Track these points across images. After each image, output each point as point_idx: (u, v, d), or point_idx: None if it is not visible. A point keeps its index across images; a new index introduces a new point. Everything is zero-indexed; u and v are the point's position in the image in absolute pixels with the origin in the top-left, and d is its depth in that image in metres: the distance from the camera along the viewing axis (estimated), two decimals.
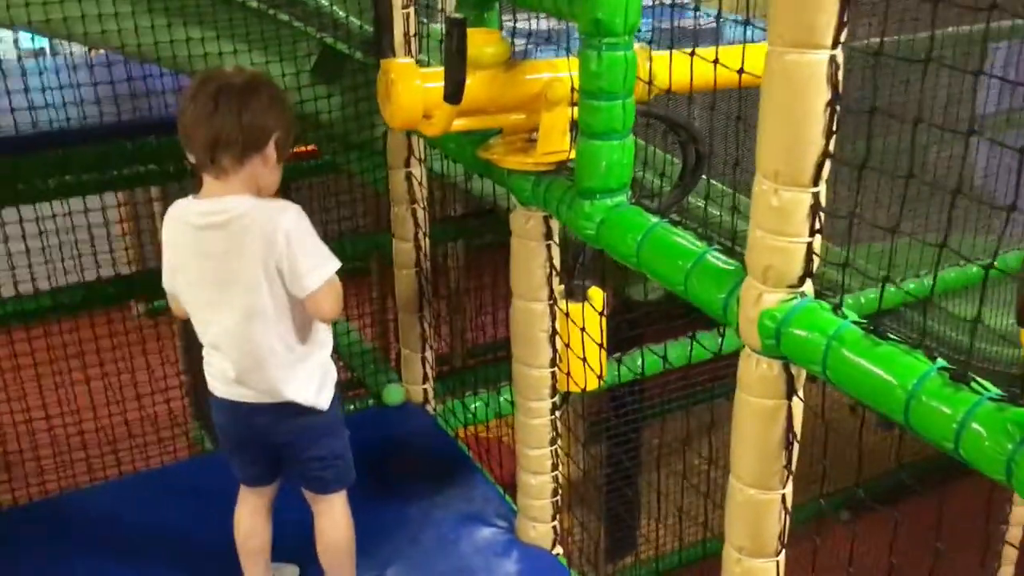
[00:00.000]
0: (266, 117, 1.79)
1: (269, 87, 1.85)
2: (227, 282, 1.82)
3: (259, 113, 1.78)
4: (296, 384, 1.88)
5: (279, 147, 1.82)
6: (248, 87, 1.80)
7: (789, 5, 1.20)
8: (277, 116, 1.81)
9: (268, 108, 1.79)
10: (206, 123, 1.76)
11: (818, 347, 1.27)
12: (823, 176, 1.28)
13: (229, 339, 1.88)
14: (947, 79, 3.25)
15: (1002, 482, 1.08)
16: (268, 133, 1.79)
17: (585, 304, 2.01)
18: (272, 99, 1.82)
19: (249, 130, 1.76)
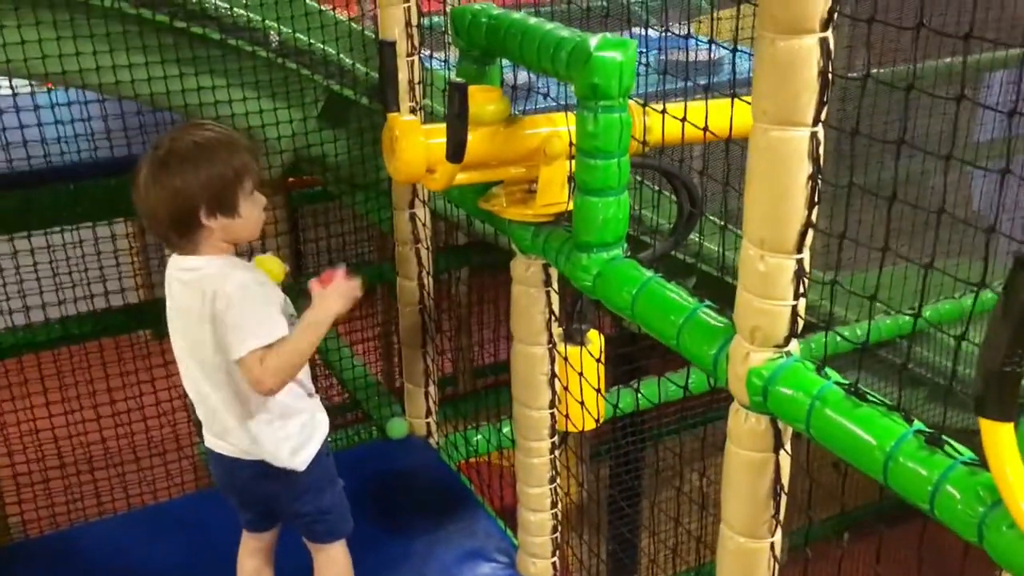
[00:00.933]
0: (183, 192, 1.73)
1: (183, 154, 1.75)
2: (190, 339, 1.85)
3: (175, 192, 1.72)
4: (268, 445, 1.87)
5: (221, 205, 1.76)
6: (162, 165, 1.74)
7: (772, 85, 1.27)
8: (200, 181, 1.74)
9: (184, 180, 1.73)
10: (144, 216, 1.79)
11: (802, 406, 1.33)
12: (807, 243, 1.35)
13: (198, 395, 1.91)
14: (942, 108, 3.32)
15: (974, 544, 1.14)
16: (193, 206, 1.74)
17: (583, 348, 2.07)
18: (188, 165, 1.74)
19: (172, 215, 1.74)
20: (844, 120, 1.46)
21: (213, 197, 1.75)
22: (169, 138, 1.80)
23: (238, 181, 1.78)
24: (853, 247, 2.37)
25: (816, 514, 1.79)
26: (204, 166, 1.75)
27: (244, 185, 1.79)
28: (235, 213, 1.79)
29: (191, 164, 1.74)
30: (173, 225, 1.76)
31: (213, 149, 1.78)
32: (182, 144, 1.77)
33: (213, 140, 1.80)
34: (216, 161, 1.77)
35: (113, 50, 2.44)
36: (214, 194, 1.75)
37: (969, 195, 4.48)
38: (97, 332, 3.43)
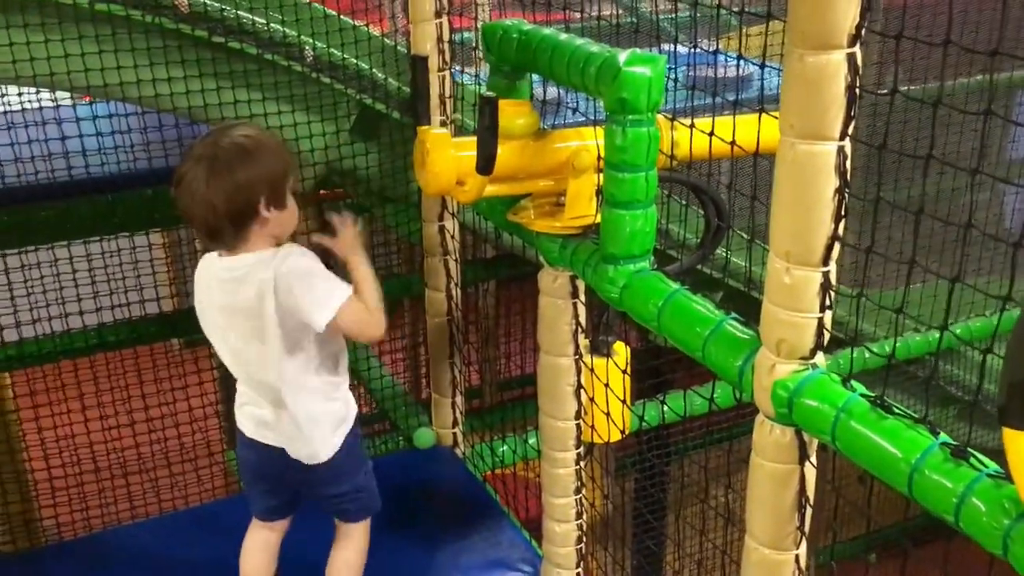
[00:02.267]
0: (247, 185, 1.82)
1: (241, 148, 1.85)
2: (242, 329, 1.93)
3: (237, 186, 1.81)
4: (313, 427, 1.97)
5: (276, 198, 1.87)
6: (216, 160, 1.82)
7: (800, 99, 1.29)
8: (261, 174, 1.84)
9: (247, 173, 1.82)
10: (193, 214, 1.86)
11: (828, 418, 1.34)
12: (833, 256, 1.36)
13: (249, 383, 2.01)
14: (974, 126, 3.31)
15: (999, 556, 1.14)
16: (255, 198, 1.83)
17: (609, 360, 2.09)
18: (248, 159, 1.83)
19: (232, 207, 1.82)
20: (875, 137, 1.47)
21: (271, 190, 1.86)
22: (214, 138, 1.89)
23: (286, 175, 1.90)
24: (884, 265, 2.37)
25: (843, 533, 1.79)
26: (263, 160, 1.86)
27: (290, 180, 1.91)
28: (285, 206, 1.90)
29: (250, 159, 1.84)
30: (231, 218, 1.84)
31: (265, 145, 1.89)
32: (236, 140, 1.87)
33: (261, 137, 1.92)
34: (271, 156, 1.88)
35: (153, 64, 2.50)
36: (271, 187, 1.86)
37: (1001, 213, 4.45)
38: (132, 340, 3.49)
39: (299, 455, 2.01)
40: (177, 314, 3.89)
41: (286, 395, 1.94)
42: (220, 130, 1.94)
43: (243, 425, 2.06)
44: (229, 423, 4.53)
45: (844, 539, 4.79)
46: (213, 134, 1.92)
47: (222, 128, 1.95)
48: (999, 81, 3.99)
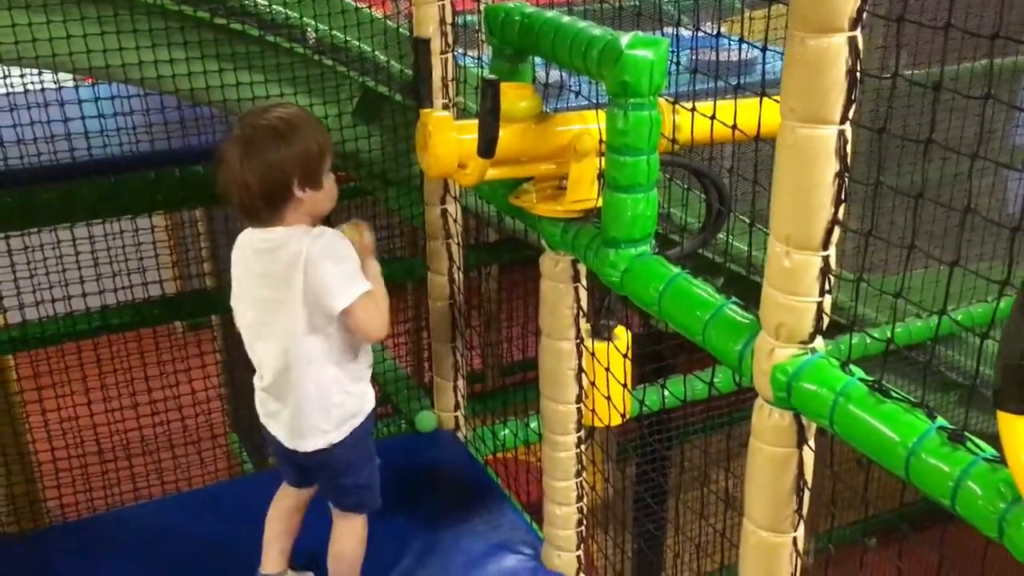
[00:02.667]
0: (279, 166, 1.85)
1: (274, 129, 1.88)
2: (270, 302, 1.95)
3: (269, 166, 1.85)
4: (310, 430, 2.00)
5: (310, 178, 1.89)
6: (250, 141, 1.86)
7: (801, 83, 1.29)
8: (293, 155, 1.86)
9: (279, 154, 1.85)
10: (230, 192, 1.89)
11: (826, 402, 1.35)
12: (833, 241, 1.36)
13: (267, 375, 2.01)
14: (977, 111, 3.30)
15: (994, 539, 1.15)
16: (287, 179, 1.87)
17: (610, 344, 2.09)
18: (281, 140, 1.86)
19: (265, 187, 1.86)
20: (877, 121, 1.47)
21: (304, 170, 1.88)
22: (252, 118, 1.93)
23: (322, 155, 1.92)
24: (886, 250, 2.36)
25: (843, 518, 1.80)
26: (296, 141, 1.88)
27: (326, 159, 1.92)
28: (319, 186, 1.92)
29: (284, 139, 1.87)
30: (265, 197, 1.88)
31: (300, 126, 1.90)
32: (270, 122, 1.89)
33: (297, 117, 1.93)
34: (305, 136, 1.90)
35: (155, 45, 2.50)
36: (304, 167, 1.88)
37: (1004, 198, 4.44)
38: (135, 323, 3.50)
39: (295, 446, 2.02)
40: (180, 297, 3.90)
41: (299, 376, 1.95)
42: (259, 110, 1.98)
43: (258, 408, 2.09)
44: (232, 406, 4.56)
45: (844, 524, 4.82)
46: (252, 114, 1.98)
47: (261, 108, 1.99)
48: (1004, 65, 3.96)
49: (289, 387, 1.98)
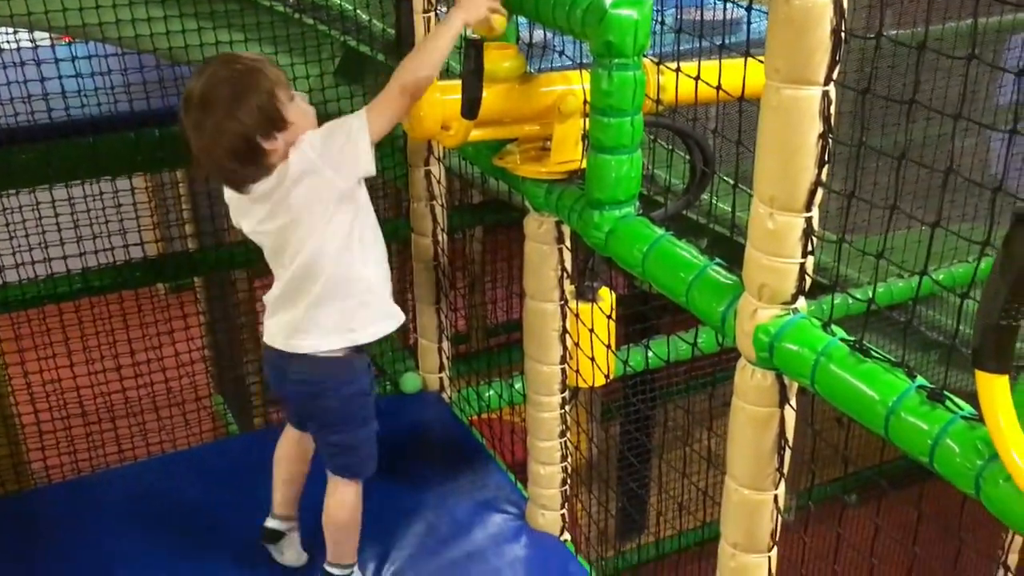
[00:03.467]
0: (236, 130, 1.79)
1: (211, 99, 1.81)
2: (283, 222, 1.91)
3: (226, 133, 1.79)
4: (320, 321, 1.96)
5: (273, 124, 1.82)
6: (198, 118, 1.80)
7: (785, 43, 1.28)
8: (246, 113, 1.79)
9: (231, 123, 1.79)
10: (204, 160, 1.86)
11: (807, 362, 1.36)
12: (816, 202, 1.37)
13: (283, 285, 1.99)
14: (961, 71, 3.29)
15: (972, 496, 1.17)
16: (251, 135, 1.80)
17: (594, 305, 2.10)
18: (224, 103, 1.79)
19: (236, 150, 1.81)
20: (862, 82, 1.46)
21: (263, 123, 1.81)
22: (196, 84, 1.84)
23: (273, 96, 1.83)
24: (869, 211, 2.36)
25: (823, 475, 1.82)
26: (239, 101, 1.80)
27: (279, 97, 1.84)
28: (286, 124, 1.84)
29: (228, 104, 1.79)
30: (241, 160, 1.83)
31: (240, 81, 1.82)
32: (210, 86, 1.82)
33: (236, 73, 1.83)
34: (247, 93, 1.81)
35: (132, 4, 2.47)
36: (262, 120, 1.81)
37: (987, 159, 4.45)
38: (116, 285, 3.48)
39: (290, 346, 1.99)
40: (162, 259, 3.88)
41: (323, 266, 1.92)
42: (202, 72, 1.88)
43: (265, 338, 2.06)
44: (216, 367, 4.56)
45: (825, 481, 4.88)
46: (197, 77, 1.88)
47: (203, 69, 1.89)
48: (988, 25, 3.95)
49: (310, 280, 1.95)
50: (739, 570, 1.60)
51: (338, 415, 2.05)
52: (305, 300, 1.96)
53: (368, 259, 1.97)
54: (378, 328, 2.02)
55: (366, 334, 2.00)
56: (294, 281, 1.96)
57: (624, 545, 4.32)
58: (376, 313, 2.02)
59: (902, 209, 1.31)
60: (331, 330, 1.97)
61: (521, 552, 2.38)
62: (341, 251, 1.92)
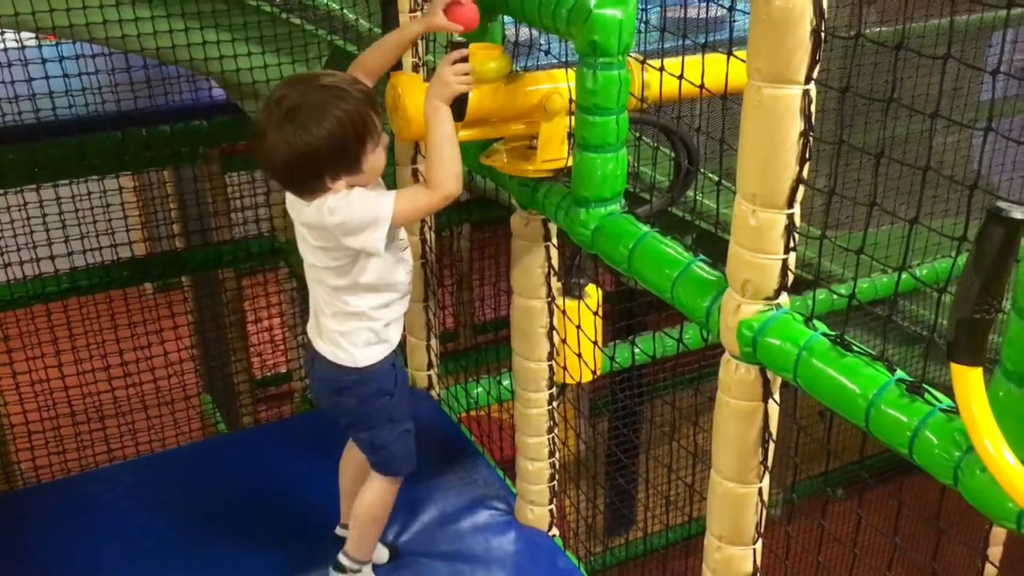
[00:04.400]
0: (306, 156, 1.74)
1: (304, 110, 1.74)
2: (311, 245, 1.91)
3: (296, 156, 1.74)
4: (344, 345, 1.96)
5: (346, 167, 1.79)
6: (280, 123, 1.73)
7: (766, 43, 1.30)
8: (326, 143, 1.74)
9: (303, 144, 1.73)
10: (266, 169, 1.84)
11: (790, 356, 1.38)
12: (797, 199, 1.39)
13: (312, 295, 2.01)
14: (943, 68, 3.32)
15: (950, 486, 1.19)
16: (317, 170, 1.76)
17: (581, 302, 2.12)
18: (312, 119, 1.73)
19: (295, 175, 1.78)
20: (846, 79, 1.49)
21: (338, 160, 1.77)
22: (286, 95, 1.77)
23: (362, 140, 1.79)
24: (853, 207, 2.39)
25: (808, 470, 1.85)
26: (330, 128, 1.74)
27: (367, 143, 1.81)
28: (359, 170, 1.82)
29: (315, 126, 1.74)
30: (296, 183, 1.82)
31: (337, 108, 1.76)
32: (304, 103, 1.75)
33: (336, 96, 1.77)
34: (341, 121, 1.76)
35: (120, 4, 2.47)
36: (339, 157, 1.77)
37: (969, 155, 4.49)
38: (104, 284, 3.49)
39: (315, 343, 2.01)
40: (150, 258, 3.89)
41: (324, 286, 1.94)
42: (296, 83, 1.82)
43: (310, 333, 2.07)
44: (204, 367, 4.56)
45: (810, 476, 4.93)
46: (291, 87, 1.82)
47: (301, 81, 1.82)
48: (970, 22, 3.99)
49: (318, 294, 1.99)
50: (725, 562, 1.62)
51: (359, 414, 2.06)
52: (320, 308, 1.99)
53: (367, 294, 1.94)
54: (373, 352, 2.00)
55: (364, 356, 1.99)
56: (311, 286, 1.99)
57: (612, 541, 4.35)
58: (371, 338, 1.99)
59: (879, 206, 1.34)
60: (337, 344, 1.98)
61: (510, 548, 2.40)
62: (338, 286, 1.92)
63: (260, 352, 4.63)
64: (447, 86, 1.80)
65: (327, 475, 2.30)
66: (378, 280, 1.93)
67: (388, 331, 2.00)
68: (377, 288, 1.94)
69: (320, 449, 2.41)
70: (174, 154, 3.27)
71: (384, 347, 2.00)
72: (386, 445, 2.08)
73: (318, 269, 1.93)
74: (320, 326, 2.00)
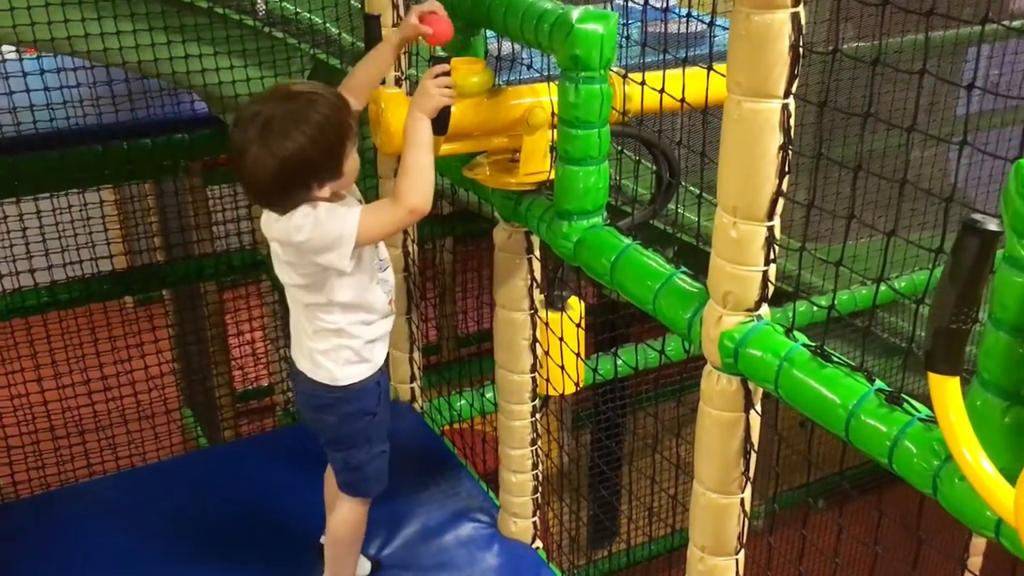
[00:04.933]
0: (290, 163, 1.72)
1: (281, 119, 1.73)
2: (283, 261, 1.89)
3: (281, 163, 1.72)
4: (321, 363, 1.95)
5: (334, 168, 1.77)
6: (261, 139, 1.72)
7: (745, 57, 1.32)
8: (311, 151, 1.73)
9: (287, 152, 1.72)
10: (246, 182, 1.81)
11: (771, 367, 1.40)
12: (777, 211, 1.41)
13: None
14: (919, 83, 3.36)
15: (929, 495, 1.21)
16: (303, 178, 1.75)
17: (564, 314, 2.13)
18: (293, 126, 1.72)
19: (280, 183, 1.75)
20: (824, 93, 1.52)
21: (323, 167, 1.77)
22: (267, 105, 1.77)
23: (343, 145, 1.79)
24: (832, 220, 2.41)
25: (790, 481, 1.86)
26: (313, 136, 1.74)
27: (347, 147, 1.80)
28: (340, 174, 1.81)
29: (297, 134, 1.73)
30: (279, 192, 1.78)
31: (320, 117, 1.75)
32: (288, 113, 1.74)
33: (318, 105, 1.77)
34: (325, 130, 1.75)
35: (101, 17, 2.47)
36: (324, 163, 1.77)
37: (946, 168, 4.55)
38: (84, 298, 3.47)
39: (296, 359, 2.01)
40: (131, 272, 3.86)
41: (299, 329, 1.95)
42: (277, 95, 1.82)
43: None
44: (185, 381, 4.54)
45: (792, 487, 4.94)
46: (268, 99, 1.82)
47: (278, 93, 1.83)
48: (946, 38, 4.05)
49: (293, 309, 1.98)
50: (707, 573, 1.63)
51: (338, 432, 2.03)
52: (299, 325, 1.97)
53: (344, 313, 1.91)
54: (355, 371, 1.97)
55: (345, 375, 1.96)
56: (290, 303, 1.98)
57: (596, 553, 4.35)
58: (351, 356, 1.97)
59: (858, 219, 1.35)
60: (316, 362, 1.96)
61: (493, 561, 2.40)
62: (312, 303, 1.90)
63: (242, 365, 4.60)
64: (430, 98, 1.81)
65: (309, 488, 2.29)
66: (354, 299, 1.91)
67: (371, 350, 1.98)
68: (354, 307, 1.92)
69: (302, 462, 2.40)
70: (156, 167, 3.26)
71: (367, 367, 1.98)
72: (361, 466, 2.05)
73: (290, 287, 1.93)
74: (300, 344, 1.98)
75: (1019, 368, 1.03)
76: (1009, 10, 4.65)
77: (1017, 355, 1.03)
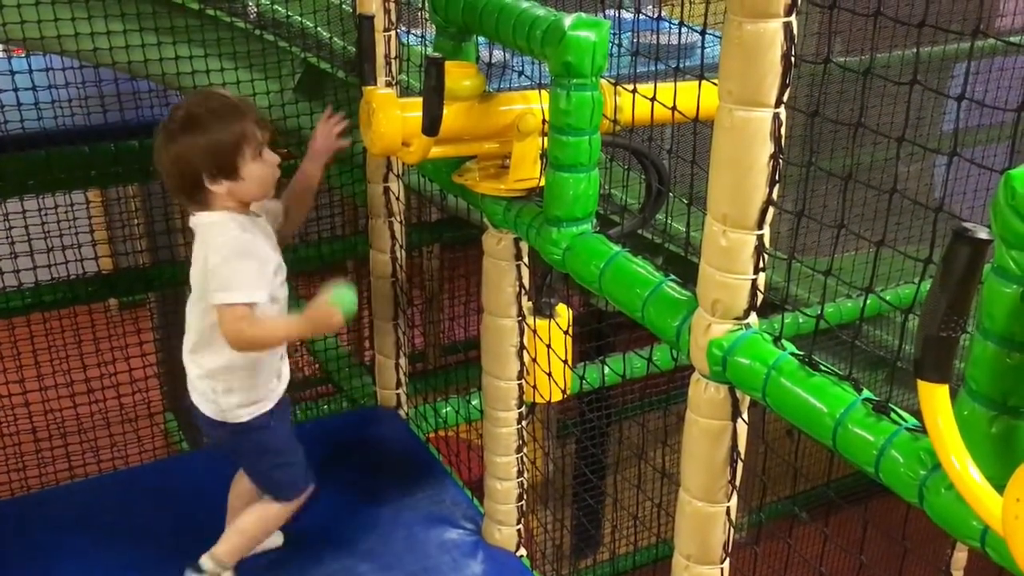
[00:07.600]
0: (186, 157, 1.89)
1: (185, 120, 1.91)
2: (194, 283, 2.01)
3: (173, 159, 1.90)
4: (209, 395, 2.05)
5: (221, 170, 1.90)
6: (165, 133, 1.91)
7: (738, 66, 1.32)
8: (202, 146, 1.88)
9: (180, 148, 1.88)
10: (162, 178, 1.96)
11: (759, 375, 1.40)
12: (767, 220, 1.41)
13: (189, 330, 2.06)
14: (906, 98, 3.37)
15: (916, 505, 1.21)
16: (197, 170, 1.89)
17: (551, 321, 2.13)
18: (186, 131, 1.89)
19: (181, 177, 1.91)
20: (813, 106, 1.52)
21: (214, 162, 1.90)
22: (177, 107, 1.96)
23: (237, 147, 1.91)
24: (819, 232, 2.42)
25: (775, 492, 1.86)
26: (203, 134, 1.89)
27: (244, 150, 1.91)
28: (237, 176, 1.92)
29: (192, 133, 1.89)
30: (182, 188, 1.93)
31: (213, 118, 1.90)
32: (186, 113, 1.92)
33: (215, 109, 1.92)
34: (214, 129, 1.90)
35: (91, 17, 2.46)
36: (214, 158, 1.90)
37: (932, 183, 4.58)
38: (68, 300, 3.43)
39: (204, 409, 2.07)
40: (115, 274, 3.83)
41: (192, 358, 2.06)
42: (192, 98, 2.03)
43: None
44: (169, 385, 4.51)
45: (778, 498, 4.95)
46: (184, 101, 2.01)
47: (195, 96, 2.04)
48: (933, 53, 4.08)
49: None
50: None
51: (230, 444, 2.12)
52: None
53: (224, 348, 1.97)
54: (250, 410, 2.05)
55: (233, 415, 2.04)
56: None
57: (580, 562, 4.34)
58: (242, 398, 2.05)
59: (849, 230, 1.36)
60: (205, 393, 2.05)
61: (477, 568, 2.39)
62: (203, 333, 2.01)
63: None
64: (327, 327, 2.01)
65: None
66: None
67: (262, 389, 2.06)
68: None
69: None
70: (143, 169, 3.23)
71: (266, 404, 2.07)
72: (269, 475, 2.14)
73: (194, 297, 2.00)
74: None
75: (1006, 378, 1.04)
76: (995, 27, 4.70)
77: (1004, 365, 1.03)
